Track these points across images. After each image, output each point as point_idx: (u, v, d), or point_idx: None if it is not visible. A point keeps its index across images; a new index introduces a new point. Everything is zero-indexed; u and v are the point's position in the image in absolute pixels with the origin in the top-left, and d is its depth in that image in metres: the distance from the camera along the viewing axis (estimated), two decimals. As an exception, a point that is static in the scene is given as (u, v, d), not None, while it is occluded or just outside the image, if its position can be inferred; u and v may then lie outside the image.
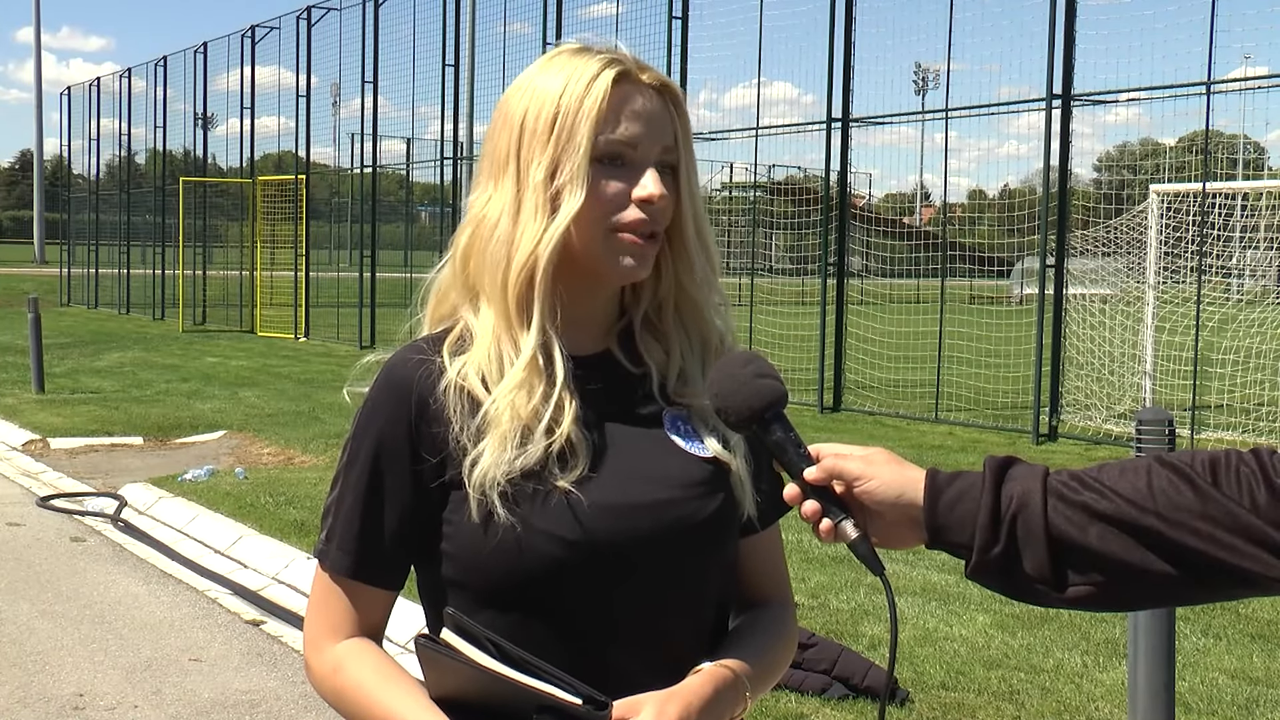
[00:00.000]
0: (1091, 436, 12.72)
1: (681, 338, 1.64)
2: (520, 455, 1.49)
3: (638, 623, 1.53)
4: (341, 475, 1.59)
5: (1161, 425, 4.27)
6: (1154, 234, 14.29)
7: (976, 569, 1.43)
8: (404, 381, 1.56)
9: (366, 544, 1.56)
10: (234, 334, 26.25)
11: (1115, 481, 1.40)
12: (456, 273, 1.61)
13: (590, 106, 1.51)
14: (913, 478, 1.46)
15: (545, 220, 1.52)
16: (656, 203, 1.53)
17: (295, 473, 10.23)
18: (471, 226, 1.59)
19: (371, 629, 1.59)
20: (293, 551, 7.71)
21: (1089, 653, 5.80)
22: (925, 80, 22.20)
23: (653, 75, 1.57)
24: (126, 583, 7.34)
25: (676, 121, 1.58)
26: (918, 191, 32.59)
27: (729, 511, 1.59)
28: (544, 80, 1.56)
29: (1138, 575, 1.38)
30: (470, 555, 1.51)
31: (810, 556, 7.39)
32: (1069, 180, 13.30)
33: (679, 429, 1.61)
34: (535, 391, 1.52)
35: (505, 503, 1.48)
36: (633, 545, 1.51)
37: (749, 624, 1.67)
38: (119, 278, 33.86)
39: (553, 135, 1.52)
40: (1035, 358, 12.97)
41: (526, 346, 1.53)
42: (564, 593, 1.50)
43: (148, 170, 35.36)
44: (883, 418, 14.41)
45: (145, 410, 13.79)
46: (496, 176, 1.57)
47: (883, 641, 5.86)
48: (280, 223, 27.35)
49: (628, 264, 1.54)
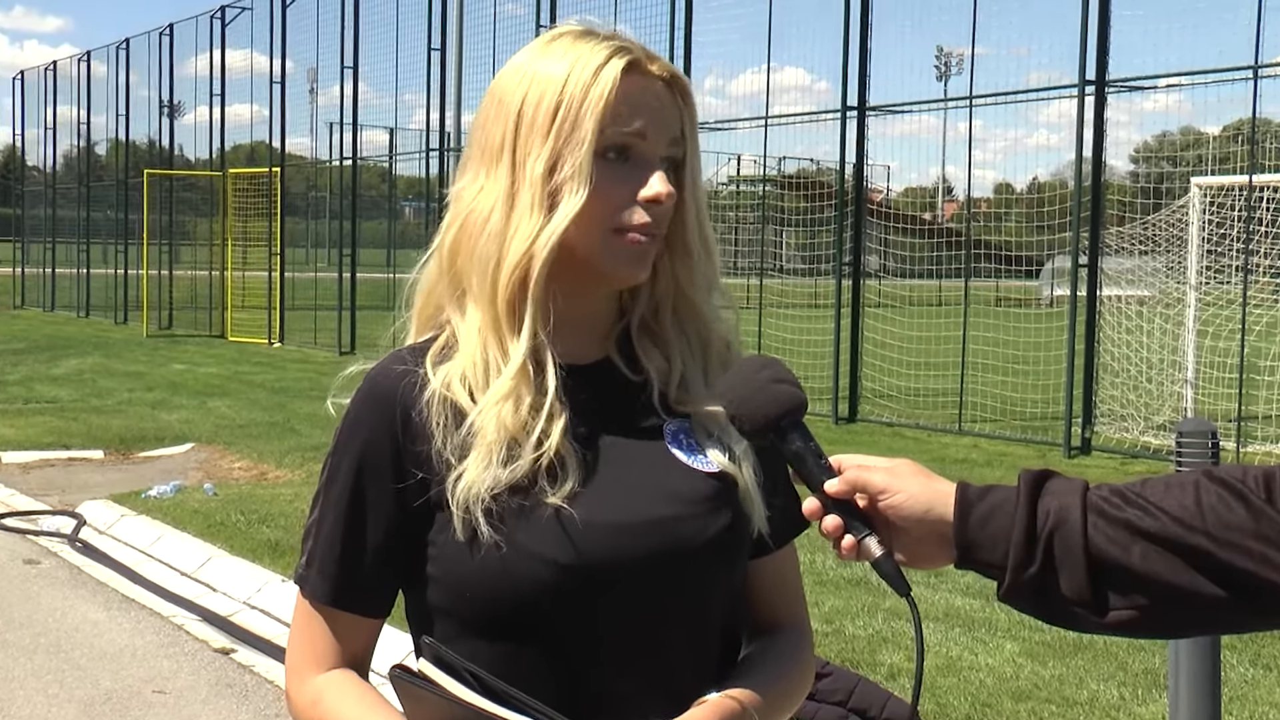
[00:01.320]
0: (1128, 450, 12.71)
1: (681, 341, 1.64)
2: (507, 470, 1.49)
3: (637, 651, 1.52)
4: (322, 494, 1.58)
5: (1204, 438, 4.25)
6: (1196, 230, 14.28)
7: (1010, 590, 1.42)
8: (387, 393, 1.55)
9: (348, 569, 1.56)
10: (203, 339, 26.27)
11: (1161, 497, 1.39)
12: (443, 269, 1.61)
13: (597, 97, 1.51)
14: (942, 491, 1.45)
15: (542, 218, 1.52)
16: (664, 203, 1.53)
17: (269, 489, 10.22)
18: (460, 219, 1.58)
19: (356, 659, 1.59)
20: (266, 574, 7.70)
21: (1126, 684, 5.79)
22: (948, 65, 22.23)
23: (662, 65, 1.57)
24: (85, 608, 7.33)
25: (685, 114, 1.58)
26: (939, 185, 32.64)
27: (737, 529, 1.58)
28: (545, 65, 1.55)
29: (1184, 599, 1.37)
30: (456, 579, 1.51)
31: (824, 579, 7.38)
32: (1103, 173, 13.30)
33: (681, 442, 1.60)
34: (524, 403, 1.52)
35: (490, 520, 1.47)
36: (630, 567, 1.50)
37: (760, 652, 1.66)
38: (78, 278, 33.87)
39: (554, 126, 1.52)
40: (1067, 365, 12.96)
41: (516, 354, 1.53)
42: (556, 618, 1.50)
43: (109, 162, 35.42)
44: (902, 429, 14.40)
45: (106, 421, 13.78)
46: (489, 166, 1.56)
47: (903, 671, 5.85)
48: (253, 219, 27.38)
49: (628, 265, 1.54)
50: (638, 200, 1.52)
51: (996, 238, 23.78)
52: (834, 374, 15.05)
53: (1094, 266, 12.85)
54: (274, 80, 26.02)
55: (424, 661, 1.47)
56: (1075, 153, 13.09)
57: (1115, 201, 16.20)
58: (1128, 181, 19.38)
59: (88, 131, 35.03)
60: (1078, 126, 13.00)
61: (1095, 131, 12.97)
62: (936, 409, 15.32)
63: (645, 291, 1.62)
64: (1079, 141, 13.00)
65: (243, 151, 32.20)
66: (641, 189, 1.52)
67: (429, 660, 1.46)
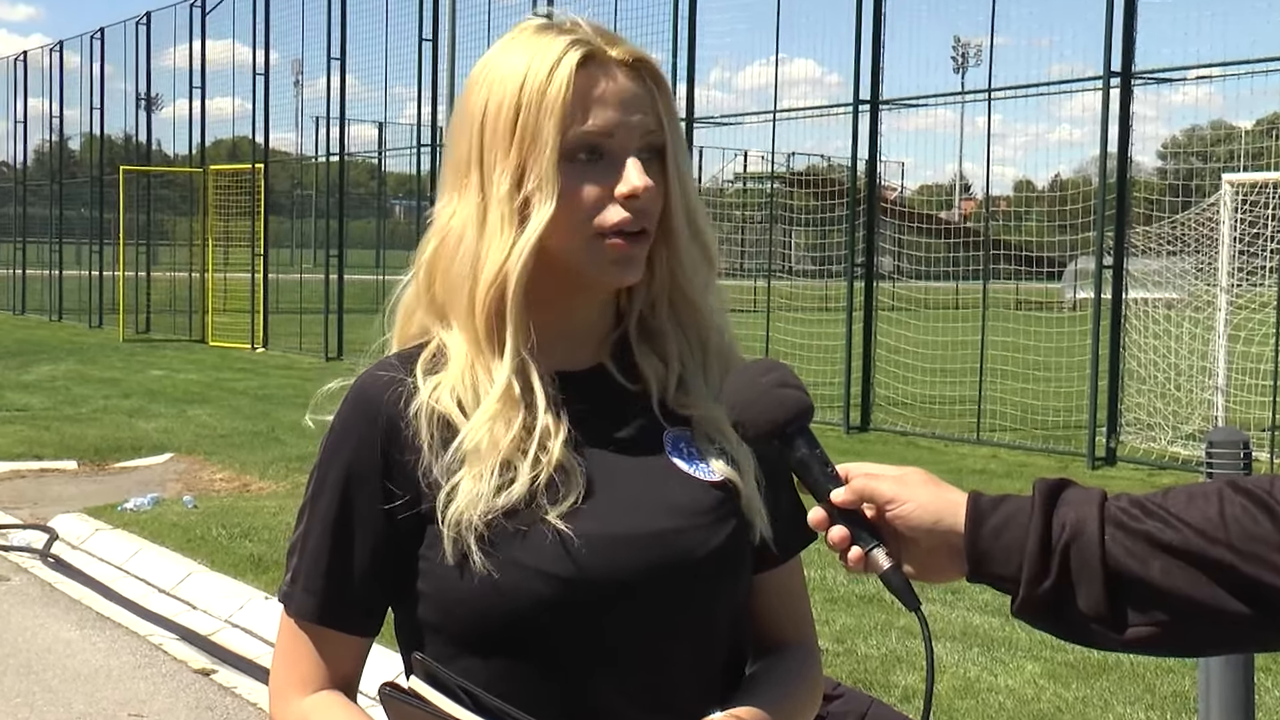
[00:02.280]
0: (1155, 460, 12.72)
1: (680, 340, 1.64)
2: (501, 491, 1.50)
3: (638, 668, 1.53)
4: (307, 508, 1.59)
5: (1236, 448, 4.26)
6: (1227, 230, 14.28)
7: (1024, 605, 1.43)
8: (374, 403, 1.56)
9: (336, 584, 1.57)
10: (182, 344, 26.27)
11: (1182, 509, 1.40)
12: (422, 291, 1.62)
13: (554, 98, 1.51)
14: (953, 501, 1.46)
15: (514, 233, 1.52)
16: (642, 196, 1.52)
17: (252, 501, 10.23)
18: (436, 240, 1.60)
19: (343, 679, 1.60)
20: (249, 591, 7.70)
21: (1154, 707, 5.79)
22: (965, 56, 22.24)
23: (624, 49, 1.56)
24: (57, 627, 7.34)
25: (658, 98, 1.58)
26: (957, 183, 32.65)
27: (740, 541, 1.59)
28: (504, 67, 1.55)
29: (1207, 615, 1.38)
30: (448, 595, 1.52)
31: (834, 595, 7.38)
32: (1129, 169, 13.32)
33: (681, 450, 1.61)
34: (514, 424, 1.53)
35: (482, 546, 1.48)
36: (631, 581, 1.51)
37: (766, 671, 1.67)
38: (49, 280, 33.90)
39: (515, 135, 1.52)
40: (1091, 371, 12.97)
41: (500, 375, 1.54)
42: (554, 634, 1.51)
43: (83, 158, 35.47)
44: (917, 439, 14.41)
45: (80, 430, 13.80)
46: (460, 184, 1.58)
47: (918, 693, 5.85)
48: (235, 218, 27.39)
49: (615, 269, 1.55)
50: (615, 198, 1.52)
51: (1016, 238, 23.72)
52: (845, 381, 15.06)
53: (1119, 268, 12.86)
54: (257, 72, 26.05)
55: (416, 679, 1.48)
56: (1100, 148, 13.11)
57: (1142, 199, 16.22)
58: (1155, 178, 19.40)
59: (60, 125, 35.13)
60: (1102, 120, 13.02)
61: (1121, 126, 12.98)
62: (953, 418, 15.32)
63: (641, 290, 1.63)
64: (1104, 136, 13.02)
65: (224, 147, 32.25)
66: (618, 185, 1.52)
67: (421, 678, 1.47)
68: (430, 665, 1.47)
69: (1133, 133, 13.06)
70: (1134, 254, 14.12)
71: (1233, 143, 17.57)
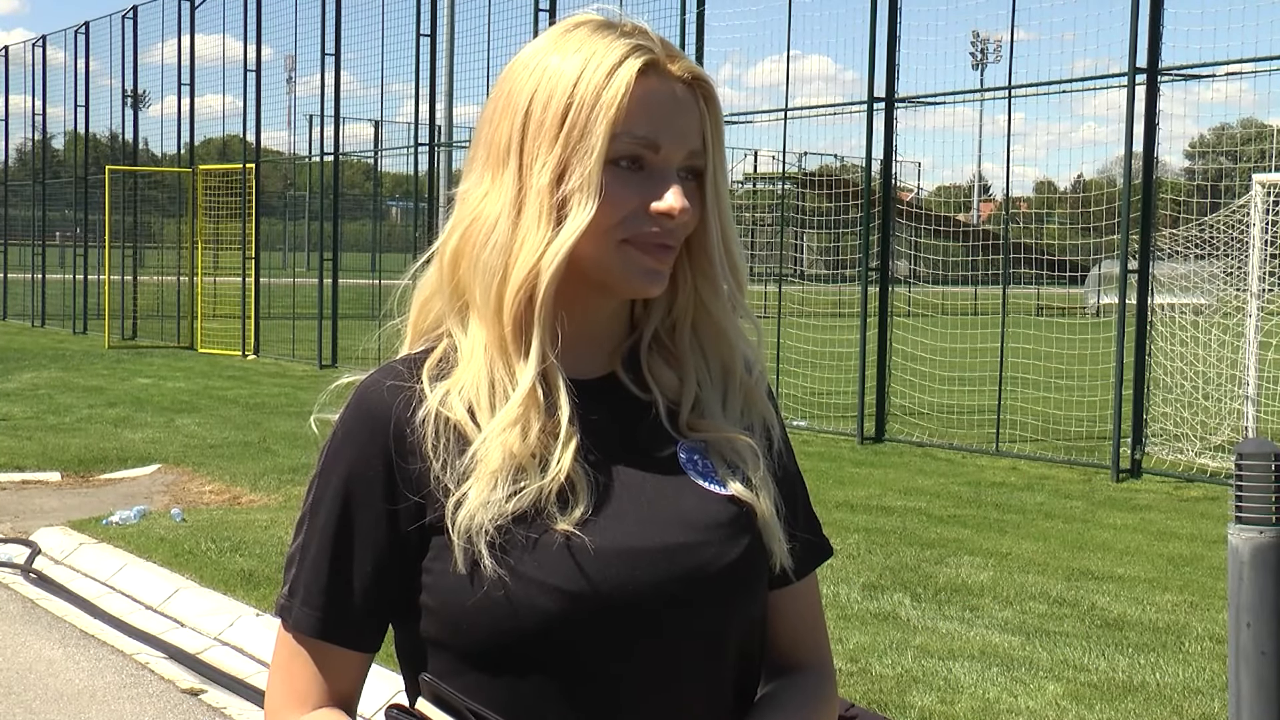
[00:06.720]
0: (1182, 473, 12.70)
1: (699, 362, 1.66)
2: (512, 496, 1.50)
3: (649, 685, 1.54)
4: (306, 518, 1.59)
5: (1267, 459, 4.25)
6: (1257, 232, 14.27)
7: None
8: (379, 409, 1.57)
9: (336, 598, 1.57)
10: (170, 350, 26.32)
11: None
12: (444, 277, 1.62)
13: (609, 100, 1.52)
14: None
15: (549, 230, 1.54)
16: (677, 218, 1.54)
17: (242, 514, 10.23)
18: (465, 224, 1.60)
19: (342, 697, 1.60)
20: (239, 607, 7.71)
21: (1181, 729, 5.79)
22: (985, 52, 22.27)
23: (684, 65, 1.58)
24: (39, 645, 7.35)
25: (707, 120, 1.60)
26: (976, 183, 32.67)
27: (757, 557, 1.60)
28: (557, 60, 1.56)
29: None
30: (454, 610, 1.52)
31: (848, 613, 7.38)
32: (1155, 169, 13.31)
33: (695, 464, 1.62)
34: (533, 428, 1.53)
35: (494, 552, 1.49)
36: (643, 596, 1.52)
37: (780, 691, 1.67)
38: (32, 284, 33.94)
39: (563, 131, 1.54)
40: (1115, 379, 12.96)
41: (525, 376, 1.55)
42: (563, 652, 1.51)
43: (67, 157, 35.54)
44: (933, 450, 14.40)
45: (64, 441, 13.82)
46: (495, 169, 1.58)
47: (935, 714, 5.85)
48: (225, 220, 27.44)
49: (641, 278, 1.56)
50: (650, 212, 1.54)
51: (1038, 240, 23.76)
52: (859, 389, 15.06)
53: (1145, 272, 12.85)
54: (248, 68, 26.08)
55: (423, 701, 1.48)
56: (1125, 148, 13.10)
57: (1168, 201, 16.20)
58: (1182, 179, 19.39)
59: (43, 123, 35.21)
60: (1127, 119, 13.01)
61: (1147, 124, 12.97)
62: (972, 428, 15.32)
63: (661, 306, 1.65)
64: (1129, 135, 13.01)
65: (214, 146, 32.33)
66: (655, 201, 1.54)
67: (428, 699, 1.47)
68: (438, 686, 1.48)
69: (1159, 131, 13.05)
70: (1160, 258, 14.11)
71: (1264, 141, 17.57)
